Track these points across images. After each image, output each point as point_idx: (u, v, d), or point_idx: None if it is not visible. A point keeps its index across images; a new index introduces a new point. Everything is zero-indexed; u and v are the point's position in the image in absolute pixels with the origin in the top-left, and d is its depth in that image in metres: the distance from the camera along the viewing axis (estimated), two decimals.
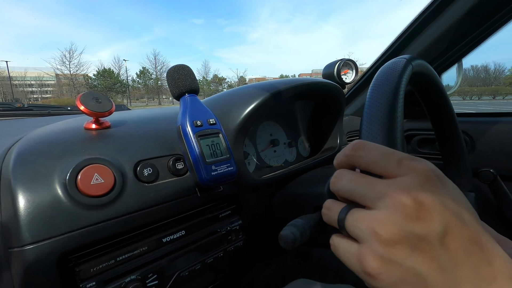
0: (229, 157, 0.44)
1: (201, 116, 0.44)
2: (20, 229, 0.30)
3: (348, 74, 0.99)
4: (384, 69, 0.31)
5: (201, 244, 0.44)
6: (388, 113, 0.25)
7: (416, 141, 0.93)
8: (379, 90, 0.28)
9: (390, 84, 0.28)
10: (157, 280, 0.38)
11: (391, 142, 0.24)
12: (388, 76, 0.29)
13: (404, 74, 0.29)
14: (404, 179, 0.18)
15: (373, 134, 0.25)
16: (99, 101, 0.41)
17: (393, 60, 0.32)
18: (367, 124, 0.26)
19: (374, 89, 0.28)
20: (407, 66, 0.31)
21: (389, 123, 0.25)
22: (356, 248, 0.18)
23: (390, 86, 0.28)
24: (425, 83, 0.40)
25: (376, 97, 0.27)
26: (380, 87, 0.28)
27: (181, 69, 0.45)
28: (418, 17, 0.79)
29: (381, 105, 0.26)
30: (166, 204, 0.41)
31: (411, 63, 0.31)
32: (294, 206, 0.53)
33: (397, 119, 0.25)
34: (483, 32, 0.71)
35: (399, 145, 0.24)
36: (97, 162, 0.35)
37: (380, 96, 0.27)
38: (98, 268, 0.35)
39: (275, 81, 0.60)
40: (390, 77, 0.29)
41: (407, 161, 0.19)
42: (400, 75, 0.29)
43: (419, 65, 0.35)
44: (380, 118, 0.25)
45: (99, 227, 0.35)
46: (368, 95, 0.28)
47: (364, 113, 0.27)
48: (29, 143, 0.36)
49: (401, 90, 0.28)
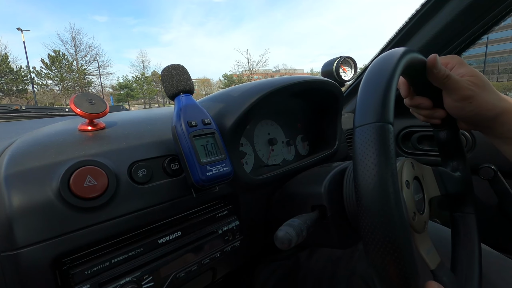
0: (224, 157, 0.44)
1: (196, 116, 0.44)
2: (13, 233, 0.30)
3: (347, 72, 0.98)
4: (379, 59, 0.31)
5: (197, 245, 0.44)
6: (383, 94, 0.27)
7: (416, 138, 0.92)
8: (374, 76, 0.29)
9: (385, 71, 0.29)
10: (153, 281, 0.38)
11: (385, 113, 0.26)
12: (383, 64, 0.30)
13: (398, 64, 0.30)
14: None
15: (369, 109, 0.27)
16: (93, 103, 0.41)
17: (387, 52, 0.32)
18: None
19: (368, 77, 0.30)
20: (402, 57, 0.31)
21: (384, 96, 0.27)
22: None
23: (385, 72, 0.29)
24: (421, 76, 0.39)
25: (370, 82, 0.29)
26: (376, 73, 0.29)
27: (176, 69, 0.45)
28: (417, 12, 0.79)
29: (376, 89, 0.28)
30: (161, 205, 0.41)
31: (406, 54, 0.32)
32: (291, 205, 0.52)
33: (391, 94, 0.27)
34: (483, 26, 0.71)
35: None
36: (90, 164, 0.35)
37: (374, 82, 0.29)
38: (93, 270, 0.34)
39: (273, 79, 0.59)
40: (385, 65, 0.30)
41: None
42: (395, 65, 0.29)
43: (414, 58, 0.34)
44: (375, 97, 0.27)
45: (93, 230, 0.35)
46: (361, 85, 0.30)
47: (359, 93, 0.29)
48: (22, 146, 0.36)
49: (396, 77, 0.29)
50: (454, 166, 0.45)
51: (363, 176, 0.26)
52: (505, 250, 0.51)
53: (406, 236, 0.25)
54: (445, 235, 0.53)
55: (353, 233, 0.48)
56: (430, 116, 0.43)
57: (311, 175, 0.53)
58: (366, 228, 0.25)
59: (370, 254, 0.26)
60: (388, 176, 0.25)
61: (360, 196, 0.26)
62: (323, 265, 0.62)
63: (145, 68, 35.47)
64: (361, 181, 0.26)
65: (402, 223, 0.25)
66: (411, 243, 0.25)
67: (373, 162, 0.25)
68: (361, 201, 0.26)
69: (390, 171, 0.25)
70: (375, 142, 0.26)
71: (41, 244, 0.31)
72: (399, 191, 0.25)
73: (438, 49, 0.79)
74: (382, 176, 0.25)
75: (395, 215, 0.24)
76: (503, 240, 0.77)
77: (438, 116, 0.42)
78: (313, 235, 0.41)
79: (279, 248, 0.36)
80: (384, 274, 0.25)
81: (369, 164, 0.26)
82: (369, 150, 0.26)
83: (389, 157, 0.25)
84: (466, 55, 0.86)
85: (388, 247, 0.24)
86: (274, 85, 0.55)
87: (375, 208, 0.25)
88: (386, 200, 0.25)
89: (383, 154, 0.25)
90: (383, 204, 0.25)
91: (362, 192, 0.26)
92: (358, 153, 0.26)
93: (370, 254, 0.26)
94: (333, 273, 0.60)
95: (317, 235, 0.45)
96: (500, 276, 0.46)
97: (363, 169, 0.26)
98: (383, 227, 0.24)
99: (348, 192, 0.45)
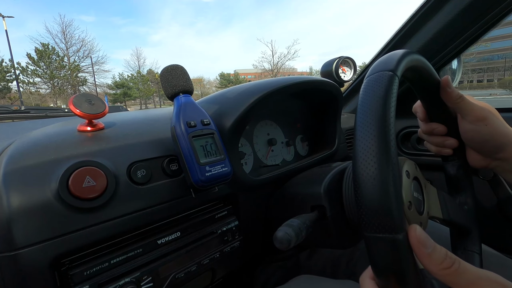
0: (223, 157, 0.44)
1: (195, 116, 0.44)
2: (12, 233, 0.30)
3: (346, 72, 0.98)
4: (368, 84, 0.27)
5: (196, 245, 0.44)
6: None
7: (415, 138, 0.92)
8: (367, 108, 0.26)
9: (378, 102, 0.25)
10: (152, 282, 0.38)
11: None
12: (374, 92, 0.26)
13: (391, 87, 0.26)
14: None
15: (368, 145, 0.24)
16: (92, 103, 0.41)
17: (376, 74, 0.28)
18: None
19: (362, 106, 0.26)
20: (392, 78, 0.27)
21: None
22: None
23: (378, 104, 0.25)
24: (420, 79, 0.39)
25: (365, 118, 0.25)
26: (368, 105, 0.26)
27: (175, 69, 0.45)
28: (416, 12, 0.79)
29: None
30: (160, 206, 0.41)
31: (396, 75, 0.28)
32: (291, 205, 0.52)
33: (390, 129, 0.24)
34: (482, 26, 0.71)
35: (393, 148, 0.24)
36: (89, 164, 0.35)
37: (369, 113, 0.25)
38: (92, 271, 0.34)
39: (272, 80, 0.59)
40: (377, 93, 0.26)
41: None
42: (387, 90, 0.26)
43: (415, 60, 0.34)
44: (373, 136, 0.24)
45: (92, 230, 0.35)
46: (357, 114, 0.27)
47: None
48: (21, 147, 0.36)
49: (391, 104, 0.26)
50: (462, 200, 0.43)
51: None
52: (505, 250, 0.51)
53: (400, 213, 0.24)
54: (444, 235, 0.53)
55: (353, 233, 0.48)
56: (442, 144, 0.43)
57: (311, 176, 0.53)
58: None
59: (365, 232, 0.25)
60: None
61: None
62: (323, 265, 0.62)
63: (141, 67, 32.97)
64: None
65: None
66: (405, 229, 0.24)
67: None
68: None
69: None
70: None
71: (40, 244, 0.31)
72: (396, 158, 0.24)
73: (438, 49, 0.79)
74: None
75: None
76: (503, 240, 0.77)
77: (450, 145, 0.42)
78: (312, 236, 0.41)
79: (278, 248, 0.36)
80: (381, 267, 0.25)
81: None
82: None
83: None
84: (467, 53, 0.86)
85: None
86: (273, 85, 0.55)
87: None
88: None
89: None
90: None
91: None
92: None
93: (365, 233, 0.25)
94: (333, 273, 0.60)
95: (316, 235, 0.45)
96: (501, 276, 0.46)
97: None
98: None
99: (347, 192, 0.44)
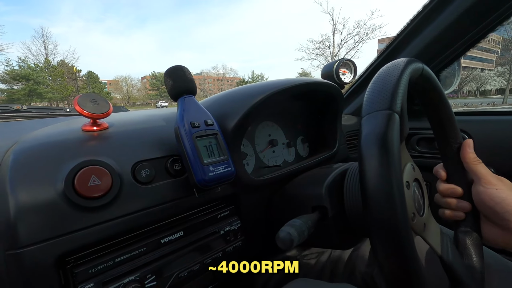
0: (226, 158, 0.44)
1: (199, 117, 0.44)
2: (17, 231, 0.30)
3: (347, 74, 0.99)
4: (386, 66, 0.33)
5: (199, 245, 0.44)
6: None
7: (415, 140, 0.93)
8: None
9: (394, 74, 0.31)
10: (156, 281, 0.38)
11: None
12: (390, 69, 0.32)
13: (406, 70, 0.32)
14: None
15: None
16: (96, 103, 0.41)
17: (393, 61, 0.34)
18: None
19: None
20: (408, 64, 0.33)
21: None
22: None
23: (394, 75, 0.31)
24: (422, 83, 0.40)
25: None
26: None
27: (179, 70, 0.45)
28: (415, 17, 0.79)
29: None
30: (164, 205, 0.41)
31: (411, 64, 0.33)
32: (292, 206, 0.53)
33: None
34: (480, 31, 0.71)
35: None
36: (94, 163, 0.35)
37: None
38: (97, 269, 0.35)
39: (274, 81, 0.60)
40: (393, 70, 0.32)
41: None
42: (403, 69, 0.32)
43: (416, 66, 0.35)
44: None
45: (97, 229, 0.35)
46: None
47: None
48: (26, 146, 0.37)
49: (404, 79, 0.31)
50: (470, 265, 0.41)
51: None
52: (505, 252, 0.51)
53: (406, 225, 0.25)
54: None
55: (353, 234, 0.49)
56: (456, 206, 0.44)
57: (312, 176, 0.54)
58: None
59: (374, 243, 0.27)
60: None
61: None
62: (323, 265, 0.62)
63: (50, 55, 23.03)
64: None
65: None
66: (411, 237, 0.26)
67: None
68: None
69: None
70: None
71: (45, 243, 0.32)
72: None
73: (437, 52, 0.80)
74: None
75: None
76: None
77: (463, 208, 0.43)
78: (313, 236, 0.42)
79: (280, 248, 0.36)
80: (387, 270, 0.25)
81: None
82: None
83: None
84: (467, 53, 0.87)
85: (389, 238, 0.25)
86: (275, 86, 0.56)
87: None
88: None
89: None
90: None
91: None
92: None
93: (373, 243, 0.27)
94: (331, 275, 0.60)
95: (317, 235, 0.46)
96: (501, 278, 0.46)
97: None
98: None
99: (349, 193, 0.45)
